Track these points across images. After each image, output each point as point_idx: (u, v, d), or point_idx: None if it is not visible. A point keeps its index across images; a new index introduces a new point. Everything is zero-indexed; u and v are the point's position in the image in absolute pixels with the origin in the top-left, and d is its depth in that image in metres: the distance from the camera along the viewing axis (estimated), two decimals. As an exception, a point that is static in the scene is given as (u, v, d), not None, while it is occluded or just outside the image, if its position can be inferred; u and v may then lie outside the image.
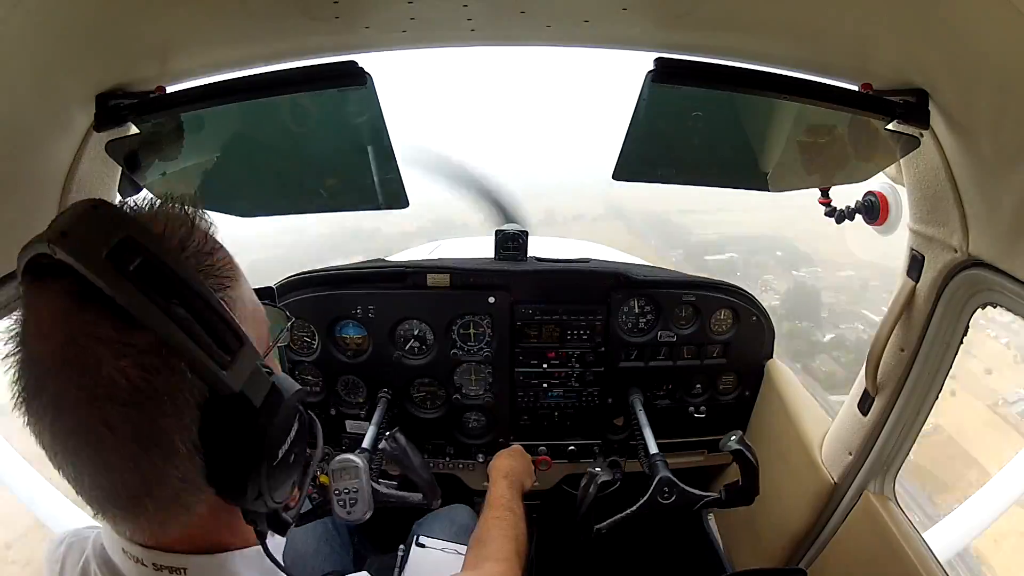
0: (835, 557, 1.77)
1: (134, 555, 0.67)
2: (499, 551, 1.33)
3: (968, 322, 1.35)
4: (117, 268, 0.54)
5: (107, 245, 0.54)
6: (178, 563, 0.67)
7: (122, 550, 0.68)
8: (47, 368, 0.56)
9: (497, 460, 1.87)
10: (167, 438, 0.59)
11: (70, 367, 0.55)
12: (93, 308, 0.55)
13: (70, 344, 0.55)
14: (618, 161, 1.41)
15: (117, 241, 0.55)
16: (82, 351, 0.55)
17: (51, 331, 0.56)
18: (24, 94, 0.94)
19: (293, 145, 1.44)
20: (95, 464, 0.58)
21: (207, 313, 0.59)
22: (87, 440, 0.57)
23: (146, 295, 0.55)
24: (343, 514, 1.56)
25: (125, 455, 0.58)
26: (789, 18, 1.13)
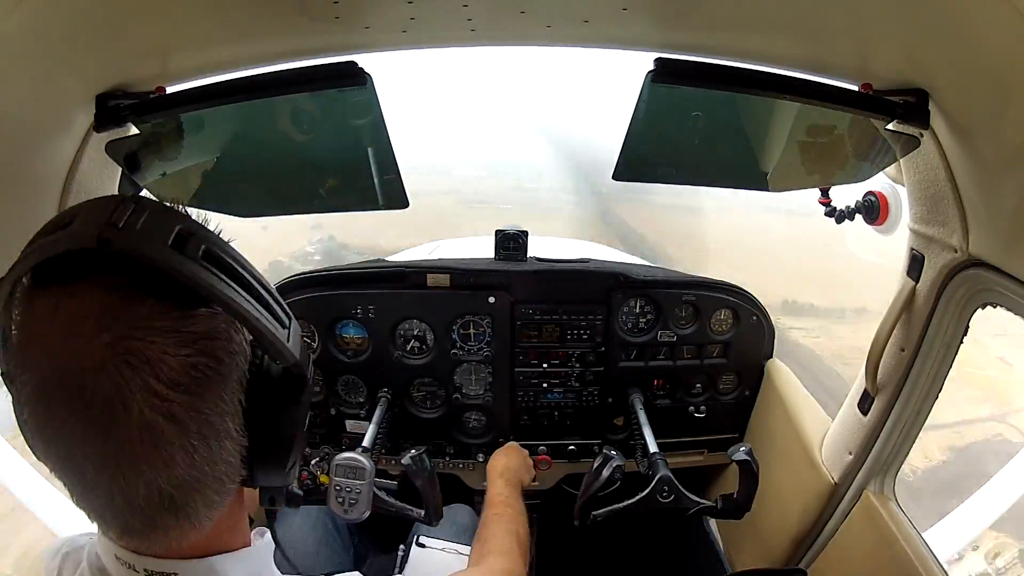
0: (835, 557, 1.77)
1: (126, 561, 0.67)
2: (500, 545, 1.34)
3: (968, 322, 1.35)
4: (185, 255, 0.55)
5: (169, 234, 0.55)
6: (169, 568, 0.67)
7: (115, 556, 0.68)
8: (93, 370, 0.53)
9: (494, 459, 1.88)
10: (223, 422, 0.60)
11: (130, 364, 0.53)
12: (147, 301, 0.54)
13: (126, 340, 0.53)
14: (618, 161, 1.41)
15: (176, 230, 0.55)
16: (141, 345, 0.53)
17: (98, 331, 0.53)
18: (24, 94, 0.94)
19: (293, 145, 1.44)
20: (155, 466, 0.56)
21: (262, 291, 0.62)
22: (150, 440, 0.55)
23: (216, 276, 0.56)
24: (339, 511, 1.56)
25: (187, 447, 0.58)
26: (789, 18, 1.13)
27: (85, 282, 0.54)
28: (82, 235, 0.53)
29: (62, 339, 0.54)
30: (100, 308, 0.54)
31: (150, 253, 0.53)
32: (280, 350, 0.62)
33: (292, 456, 0.69)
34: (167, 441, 0.56)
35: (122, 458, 0.56)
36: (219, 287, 0.56)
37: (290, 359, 0.64)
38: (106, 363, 0.53)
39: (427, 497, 1.60)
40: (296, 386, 0.67)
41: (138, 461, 0.56)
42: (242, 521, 0.75)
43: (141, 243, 0.53)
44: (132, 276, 0.54)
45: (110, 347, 0.53)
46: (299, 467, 0.75)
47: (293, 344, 0.64)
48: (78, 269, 0.54)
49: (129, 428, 0.54)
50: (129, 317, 0.54)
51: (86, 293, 0.54)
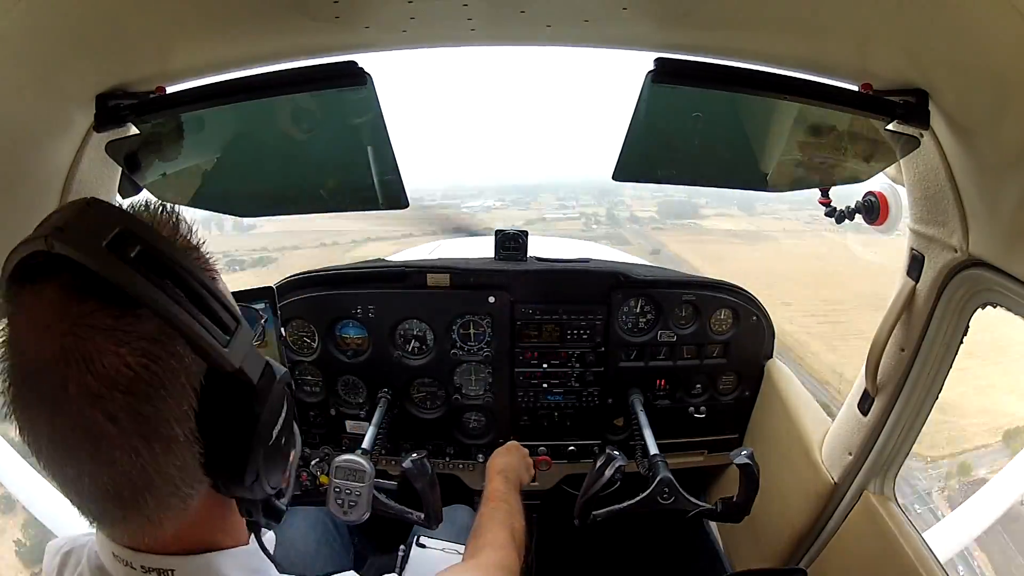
0: (835, 557, 1.77)
1: (123, 558, 0.67)
2: (495, 538, 1.34)
3: (968, 322, 1.35)
4: (118, 256, 0.56)
5: (105, 236, 0.56)
6: (166, 565, 0.67)
7: (112, 554, 0.68)
8: (44, 364, 0.56)
9: (493, 458, 1.87)
10: (167, 426, 0.60)
11: (69, 360, 0.55)
12: (90, 300, 0.56)
13: (68, 336, 0.55)
14: (618, 161, 1.41)
15: (115, 232, 0.56)
16: (81, 342, 0.55)
17: (47, 326, 0.56)
18: (24, 94, 0.94)
19: (293, 145, 1.44)
20: (96, 461, 0.58)
21: (204, 295, 0.61)
22: (89, 436, 0.57)
23: (148, 279, 0.56)
24: (338, 512, 1.56)
25: (128, 448, 0.58)
26: (789, 18, 1.13)
27: (45, 281, 0.57)
28: (36, 238, 0.56)
29: (27, 333, 0.57)
30: (52, 306, 0.56)
31: (82, 255, 0.55)
32: (215, 357, 0.61)
33: (250, 468, 0.66)
34: (106, 439, 0.57)
35: (68, 451, 0.58)
36: (146, 290, 0.56)
37: (227, 367, 0.62)
38: (53, 359, 0.56)
39: (427, 501, 1.59)
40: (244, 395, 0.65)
41: (81, 456, 0.58)
42: (235, 520, 0.75)
43: (76, 244, 0.55)
44: (79, 276, 0.56)
45: (57, 343, 0.56)
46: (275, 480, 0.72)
47: (237, 350, 0.63)
48: (43, 269, 0.57)
49: (70, 423, 0.56)
50: (74, 315, 0.56)
51: (44, 292, 0.57)
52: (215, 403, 0.63)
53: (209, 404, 0.62)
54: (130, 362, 0.56)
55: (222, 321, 0.62)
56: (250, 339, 0.66)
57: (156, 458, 0.59)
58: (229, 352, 0.62)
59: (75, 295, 0.56)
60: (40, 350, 0.56)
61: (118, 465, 0.58)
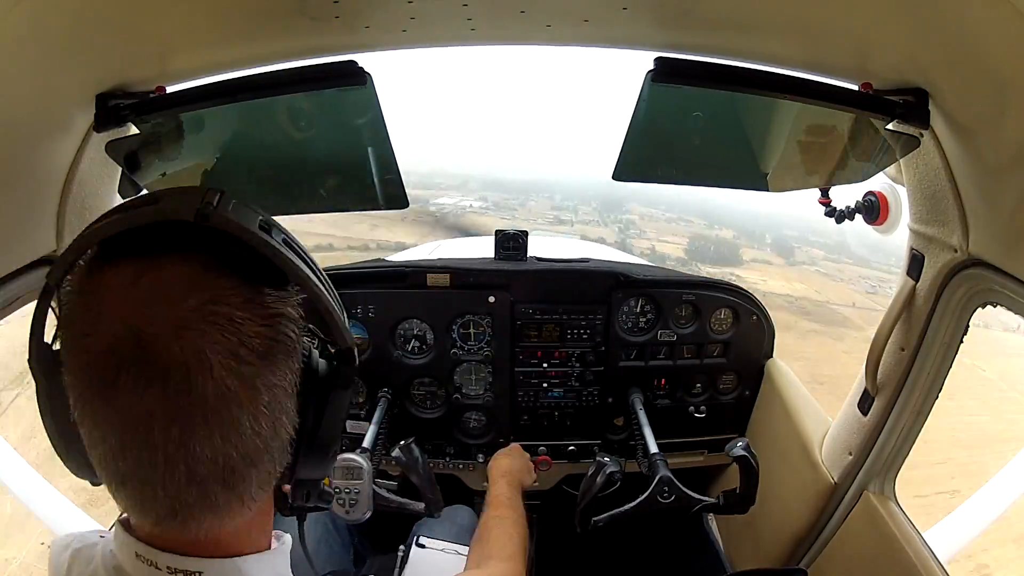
0: (835, 557, 1.77)
1: (148, 558, 0.65)
2: (502, 549, 1.33)
3: (968, 322, 1.35)
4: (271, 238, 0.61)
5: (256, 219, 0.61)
6: (193, 567, 0.65)
7: (135, 554, 0.66)
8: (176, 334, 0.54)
9: (496, 460, 1.87)
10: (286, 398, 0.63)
11: (212, 325, 0.55)
12: (231, 275, 0.58)
13: (209, 304, 0.56)
14: (618, 161, 1.41)
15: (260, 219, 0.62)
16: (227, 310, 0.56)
17: (184, 297, 0.55)
18: (24, 94, 0.94)
19: (293, 145, 1.44)
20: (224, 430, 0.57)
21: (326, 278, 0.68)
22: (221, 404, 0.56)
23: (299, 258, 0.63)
24: (341, 512, 1.56)
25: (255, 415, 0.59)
26: (789, 18, 1.13)
27: (171, 255, 0.57)
28: (177, 210, 0.58)
29: (142, 305, 0.54)
30: (187, 278, 0.56)
31: (245, 231, 0.59)
32: (342, 332, 0.68)
33: (336, 444, 0.72)
34: (239, 405, 0.57)
35: (196, 420, 0.55)
36: (302, 269, 0.63)
37: (349, 341, 0.70)
38: (193, 324, 0.54)
39: (424, 487, 1.60)
40: (345, 372, 0.71)
41: (210, 423, 0.56)
42: (268, 523, 0.75)
43: (235, 223, 0.59)
44: (217, 253, 0.58)
45: (198, 309, 0.55)
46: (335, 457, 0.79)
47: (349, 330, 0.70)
48: (160, 243, 0.57)
49: (206, 390, 0.55)
50: (216, 286, 0.57)
51: (173, 264, 0.56)
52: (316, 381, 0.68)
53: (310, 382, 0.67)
54: (267, 333, 0.59)
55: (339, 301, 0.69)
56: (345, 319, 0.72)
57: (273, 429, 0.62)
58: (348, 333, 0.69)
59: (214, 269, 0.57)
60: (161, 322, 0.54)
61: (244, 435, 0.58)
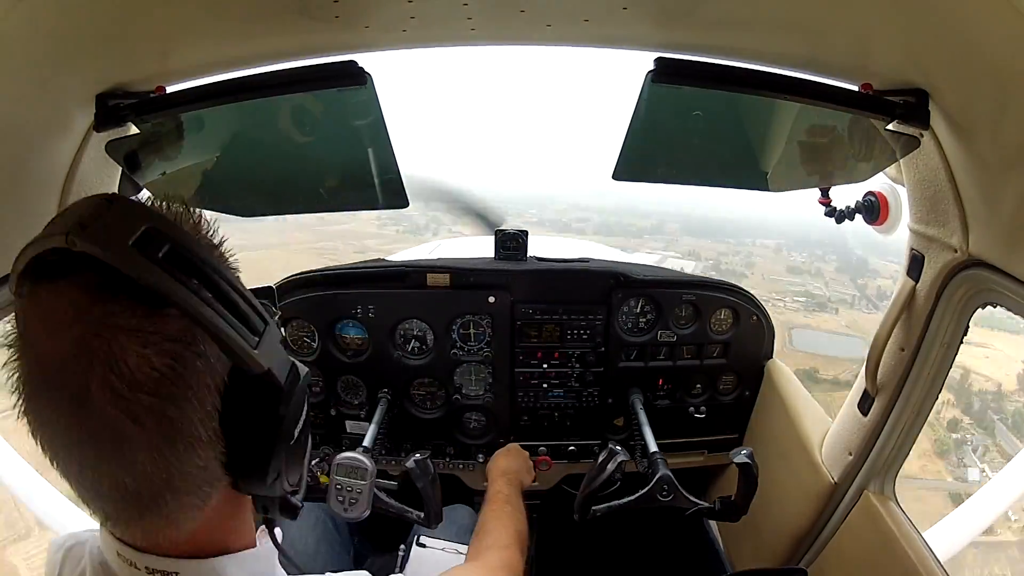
0: (835, 557, 1.77)
1: (128, 558, 0.67)
2: (499, 539, 1.34)
3: (968, 322, 1.35)
4: (146, 255, 0.54)
5: (132, 234, 0.54)
6: (170, 567, 0.66)
7: (116, 553, 0.67)
8: (64, 364, 0.54)
9: (495, 460, 1.88)
10: (191, 427, 0.59)
11: (92, 360, 0.54)
12: (114, 300, 0.55)
13: (92, 336, 0.54)
14: (618, 161, 1.41)
15: (142, 230, 0.55)
16: (106, 342, 0.54)
17: (69, 325, 0.54)
18: (24, 94, 0.94)
19: (293, 145, 1.44)
20: (117, 462, 0.57)
21: (233, 295, 0.60)
22: (111, 436, 0.56)
23: (177, 279, 0.55)
24: (339, 510, 1.56)
25: (151, 448, 0.57)
26: (789, 18, 1.13)
27: (64, 279, 0.56)
28: (53, 235, 0.54)
29: (42, 332, 0.56)
30: (72, 305, 0.55)
31: (108, 253, 0.53)
32: (244, 358, 0.61)
33: (272, 467, 0.66)
34: (129, 440, 0.56)
35: (87, 451, 0.57)
36: (175, 290, 0.55)
37: (256, 368, 0.62)
38: (74, 358, 0.54)
39: (428, 500, 1.60)
40: (271, 395, 0.65)
41: (101, 456, 0.57)
42: (244, 522, 0.74)
43: (101, 243, 0.53)
44: (103, 275, 0.54)
45: (77, 343, 0.54)
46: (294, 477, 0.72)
47: (266, 352, 0.62)
48: (62, 266, 0.55)
49: (92, 423, 0.55)
50: (96, 314, 0.55)
51: (63, 290, 0.55)
52: (239, 403, 0.62)
53: (233, 404, 0.62)
54: (155, 363, 0.56)
55: (250, 322, 0.61)
56: (278, 339, 0.66)
57: (179, 458, 0.59)
58: (258, 354, 0.61)
59: (98, 294, 0.55)
60: (59, 349, 0.55)
61: (140, 466, 0.57)
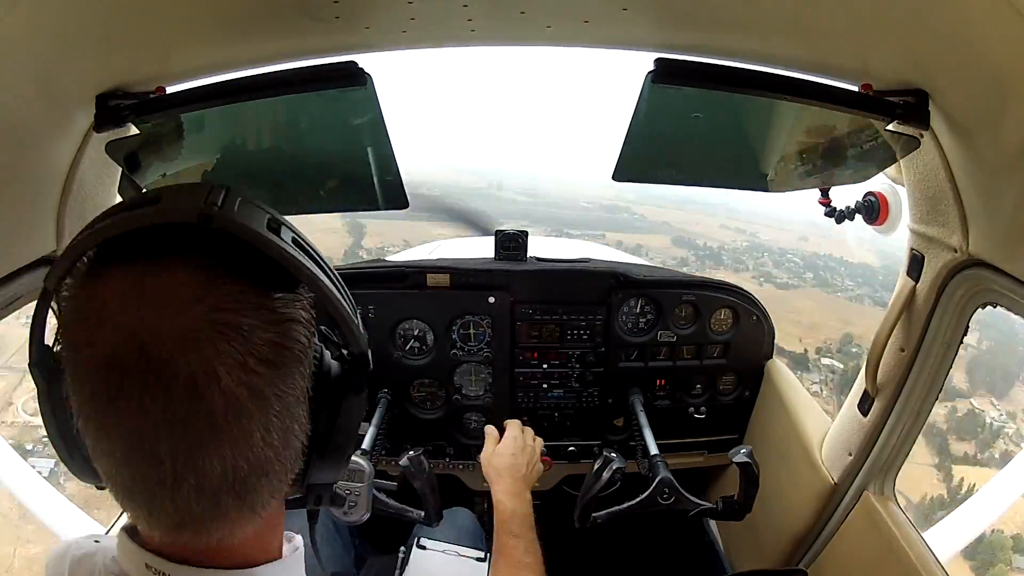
0: (835, 557, 1.77)
1: (160, 570, 0.63)
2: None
3: (968, 322, 1.35)
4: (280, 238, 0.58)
5: (263, 219, 0.58)
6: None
7: (145, 564, 0.63)
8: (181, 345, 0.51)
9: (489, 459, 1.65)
10: (297, 406, 0.61)
11: (220, 335, 0.52)
12: (238, 279, 0.55)
13: (217, 311, 0.53)
14: (618, 162, 1.41)
15: (268, 217, 0.58)
16: (235, 317, 0.54)
17: (188, 304, 0.52)
18: (24, 94, 0.94)
19: (293, 145, 1.44)
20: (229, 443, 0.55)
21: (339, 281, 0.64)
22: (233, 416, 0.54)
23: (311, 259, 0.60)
24: (338, 513, 1.56)
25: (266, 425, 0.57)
26: (789, 18, 1.13)
27: (173, 258, 0.54)
28: (180, 211, 0.55)
29: (146, 312, 0.52)
30: (194, 282, 0.53)
31: (251, 232, 0.56)
32: (356, 335, 0.65)
33: (350, 448, 0.70)
34: (249, 416, 0.55)
35: (204, 433, 0.54)
36: (312, 270, 0.59)
37: (363, 345, 0.67)
38: (199, 334, 0.52)
39: (426, 497, 1.59)
40: (358, 375, 0.68)
41: (220, 436, 0.54)
42: (280, 528, 0.73)
43: (241, 225, 0.56)
44: (222, 256, 0.55)
45: (204, 318, 0.52)
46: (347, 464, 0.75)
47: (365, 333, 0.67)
48: (162, 245, 0.54)
49: (214, 401, 0.53)
50: (222, 292, 0.54)
51: (177, 268, 0.53)
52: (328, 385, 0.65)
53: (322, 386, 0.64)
54: (278, 341, 0.57)
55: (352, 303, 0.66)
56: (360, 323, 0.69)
57: (284, 437, 0.59)
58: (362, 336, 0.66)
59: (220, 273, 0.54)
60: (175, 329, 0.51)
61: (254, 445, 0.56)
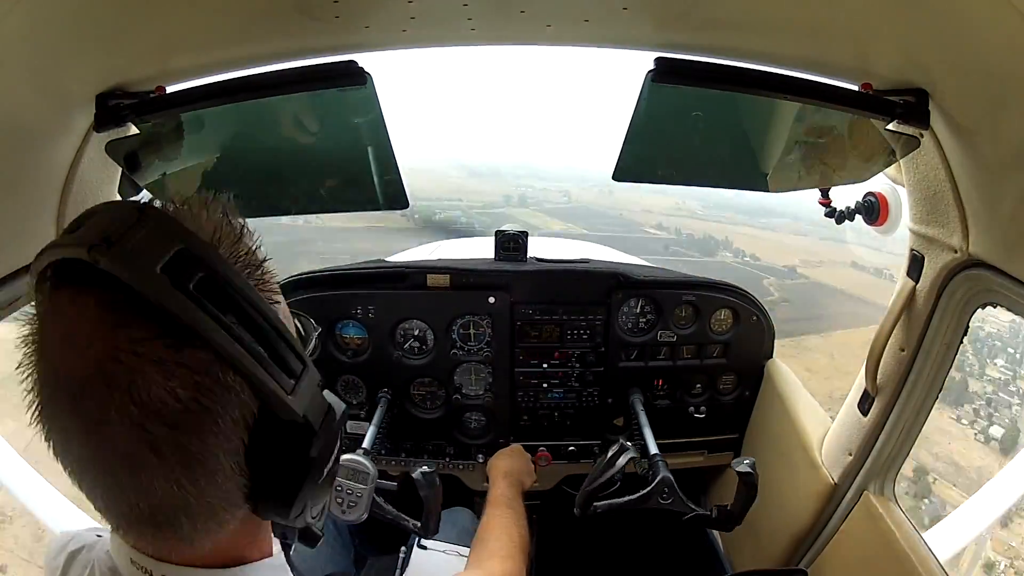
0: (835, 557, 1.77)
1: (143, 566, 0.64)
2: (502, 548, 1.33)
3: (968, 322, 1.35)
4: (175, 284, 0.50)
5: (162, 258, 0.50)
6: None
7: (130, 560, 0.65)
8: (83, 383, 0.51)
9: (496, 460, 1.88)
10: (214, 459, 0.55)
11: (112, 386, 0.50)
12: (139, 323, 0.50)
13: (111, 361, 0.50)
14: (618, 161, 1.41)
15: (173, 253, 0.50)
16: (128, 370, 0.50)
17: (88, 344, 0.50)
18: (24, 94, 0.94)
19: (293, 145, 1.44)
20: (133, 487, 0.54)
21: (271, 334, 0.56)
22: (129, 464, 0.53)
23: (208, 313, 0.51)
24: (337, 511, 1.56)
25: (169, 479, 0.54)
26: (789, 18, 1.13)
27: (86, 290, 0.51)
28: (77, 245, 0.50)
29: (61, 344, 0.52)
30: (93, 322, 0.51)
31: (134, 279, 0.49)
32: (277, 405, 0.56)
33: (298, 503, 0.62)
34: (146, 468, 0.53)
35: (100, 471, 0.54)
36: (205, 325, 0.51)
37: (291, 415, 0.58)
38: (92, 379, 0.51)
39: (429, 510, 1.59)
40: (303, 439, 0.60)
41: (115, 478, 0.54)
42: (264, 536, 0.72)
43: (127, 266, 0.49)
44: (128, 294, 0.50)
45: (97, 364, 0.51)
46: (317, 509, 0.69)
47: (302, 395, 0.58)
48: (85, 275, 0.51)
49: (109, 446, 0.52)
50: (120, 339, 0.50)
51: (85, 303, 0.51)
52: (269, 441, 0.58)
53: (262, 441, 0.58)
54: (180, 396, 0.51)
55: (288, 365, 0.57)
56: (316, 382, 0.62)
57: (198, 488, 0.56)
58: (293, 400, 0.57)
59: (121, 315, 0.50)
60: (78, 367, 0.51)
61: (157, 492, 0.54)
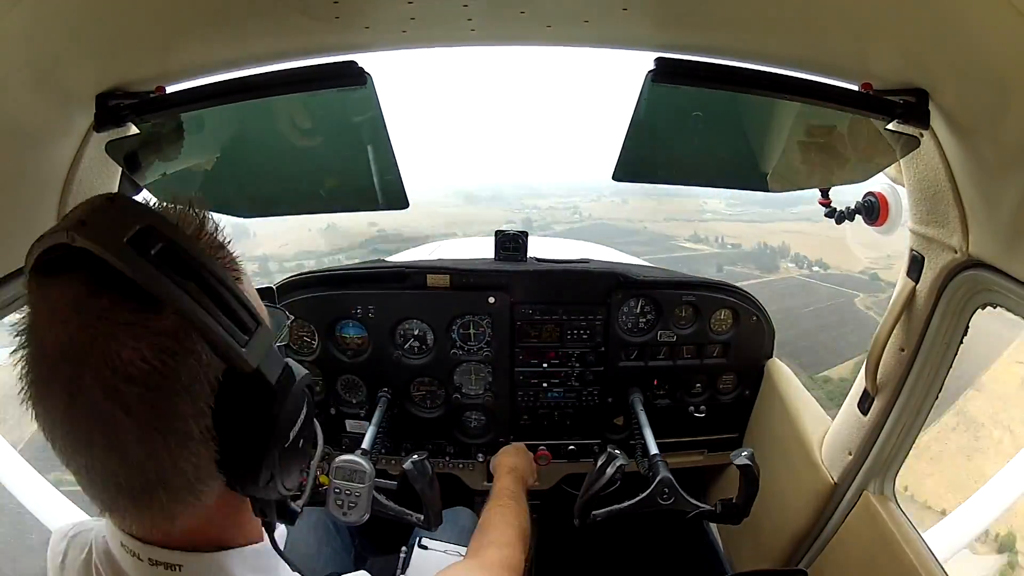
0: (835, 557, 1.77)
1: (132, 549, 0.68)
2: (501, 536, 1.34)
3: (968, 322, 1.35)
4: (139, 252, 0.56)
5: (128, 232, 0.56)
6: (174, 560, 0.68)
7: (120, 544, 0.69)
8: (61, 355, 0.57)
9: (502, 456, 1.90)
10: (183, 422, 0.60)
11: (85, 351, 0.56)
12: (109, 294, 0.56)
13: (85, 329, 0.56)
14: (618, 161, 1.41)
15: (137, 228, 0.57)
16: (99, 335, 0.56)
17: (65, 319, 0.56)
18: (24, 94, 0.94)
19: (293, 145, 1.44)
20: (109, 452, 0.58)
21: (225, 295, 0.61)
22: (103, 426, 0.57)
23: (168, 277, 0.57)
24: (338, 513, 1.56)
25: (142, 439, 0.58)
26: (789, 18, 1.13)
27: (67, 274, 0.58)
28: (59, 230, 0.57)
29: (45, 324, 0.58)
30: (72, 300, 0.57)
31: (103, 250, 0.55)
32: (233, 357, 0.61)
33: (265, 468, 0.66)
34: (121, 430, 0.57)
35: (80, 440, 0.59)
36: (166, 288, 0.56)
37: (245, 368, 0.62)
38: (70, 350, 0.56)
39: (427, 502, 1.59)
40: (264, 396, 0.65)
41: (94, 446, 0.58)
42: (248, 519, 0.75)
43: (97, 239, 0.55)
44: (102, 271, 0.56)
45: (73, 336, 0.56)
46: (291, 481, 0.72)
47: (255, 351, 0.63)
48: (65, 262, 0.57)
49: (85, 413, 0.57)
50: (93, 309, 0.56)
51: (64, 284, 0.58)
52: (232, 402, 0.63)
53: (226, 403, 0.62)
54: (147, 356, 0.57)
55: (242, 322, 0.62)
56: (270, 340, 0.66)
57: (170, 452, 0.60)
58: (247, 352, 0.62)
59: (95, 289, 0.57)
60: (58, 341, 0.57)
61: (131, 457, 0.58)
